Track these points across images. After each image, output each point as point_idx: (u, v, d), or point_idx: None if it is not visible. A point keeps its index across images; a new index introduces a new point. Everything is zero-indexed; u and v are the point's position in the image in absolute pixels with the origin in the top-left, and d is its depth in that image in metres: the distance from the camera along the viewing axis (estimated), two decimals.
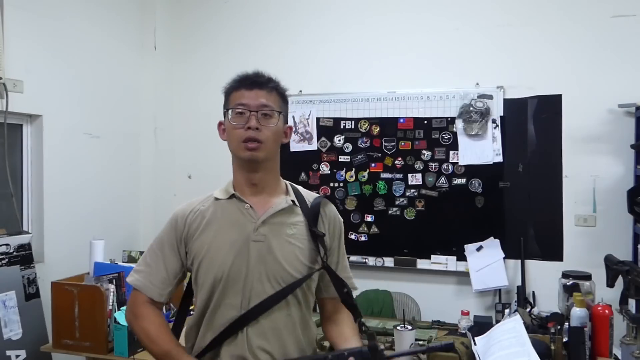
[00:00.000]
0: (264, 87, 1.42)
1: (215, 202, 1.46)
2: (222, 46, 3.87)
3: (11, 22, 2.81)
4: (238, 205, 1.43)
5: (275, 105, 1.42)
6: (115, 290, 2.50)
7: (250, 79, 1.43)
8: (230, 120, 1.41)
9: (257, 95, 1.40)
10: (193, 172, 3.96)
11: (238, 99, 1.41)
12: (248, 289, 1.36)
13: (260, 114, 1.38)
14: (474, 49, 3.31)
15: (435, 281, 3.37)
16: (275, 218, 1.41)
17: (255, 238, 1.38)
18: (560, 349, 2.06)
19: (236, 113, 1.40)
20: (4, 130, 2.80)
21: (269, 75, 1.46)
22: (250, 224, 1.39)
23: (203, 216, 1.43)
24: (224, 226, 1.41)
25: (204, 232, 1.41)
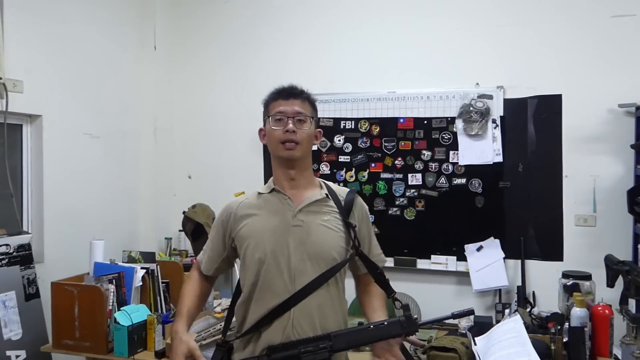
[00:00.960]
0: (298, 97, 1.66)
1: (259, 196, 1.70)
2: (222, 46, 3.87)
3: (11, 23, 2.81)
4: (278, 197, 1.66)
5: (307, 112, 1.67)
6: (115, 290, 2.50)
7: (286, 90, 1.68)
8: (271, 126, 1.64)
9: (293, 104, 1.64)
10: (193, 172, 3.96)
11: (276, 107, 1.65)
12: (292, 267, 1.57)
13: (295, 120, 1.63)
14: (474, 49, 3.31)
15: (435, 281, 3.37)
16: (311, 207, 1.64)
17: (294, 223, 1.61)
18: (560, 349, 2.07)
19: (275, 120, 1.64)
20: (4, 130, 2.80)
21: (302, 87, 1.71)
22: (290, 212, 1.62)
23: (247, 207, 1.68)
24: (267, 215, 1.64)
25: (250, 220, 1.65)
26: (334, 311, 1.60)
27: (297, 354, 1.47)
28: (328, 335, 1.49)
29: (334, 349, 1.47)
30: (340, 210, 1.65)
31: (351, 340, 1.50)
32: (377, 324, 1.50)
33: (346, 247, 1.63)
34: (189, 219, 3.39)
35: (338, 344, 1.48)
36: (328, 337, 1.49)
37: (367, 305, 1.71)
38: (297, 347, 1.48)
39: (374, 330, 1.49)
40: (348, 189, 1.74)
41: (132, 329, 2.37)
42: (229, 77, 3.85)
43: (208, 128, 3.91)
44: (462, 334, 2.40)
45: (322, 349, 1.46)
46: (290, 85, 1.69)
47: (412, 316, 1.48)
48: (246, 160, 3.68)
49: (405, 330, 1.48)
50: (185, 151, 3.97)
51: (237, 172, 3.68)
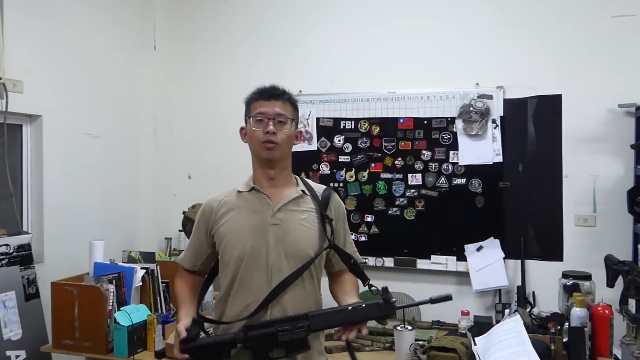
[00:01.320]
0: (279, 98, 1.66)
1: (238, 194, 1.72)
2: (222, 46, 3.87)
3: (11, 22, 2.81)
4: (257, 196, 1.68)
5: (288, 113, 1.67)
6: (115, 290, 2.50)
7: (267, 91, 1.68)
8: (252, 126, 1.66)
9: (274, 105, 1.65)
10: (193, 172, 3.96)
11: (257, 108, 1.66)
12: (270, 265, 1.60)
13: (276, 121, 1.64)
14: (474, 49, 3.31)
15: (435, 281, 3.37)
16: (288, 206, 1.66)
17: (273, 222, 1.63)
18: (560, 349, 2.06)
19: (256, 120, 1.65)
20: (4, 131, 2.80)
21: (283, 88, 1.70)
22: (268, 211, 1.65)
23: (227, 206, 1.70)
24: (246, 213, 1.66)
25: (229, 218, 1.67)
26: (309, 306, 1.62)
27: (273, 332, 1.49)
28: (306, 315, 1.51)
29: (311, 328, 1.49)
30: (317, 206, 1.68)
31: (329, 321, 1.51)
32: (355, 306, 1.50)
33: (321, 244, 1.66)
34: (189, 219, 3.39)
35: (315, 324, 1.49)
36: (306, 316, 1.50)
37: (338, 291, 1.72)
38: (274, 325, 1.50)
39: (352, 311, 1.50)
40: (324, 187, 1.78)
41: (132, 329, 2.37)
42: (229, 77, 3.85)
43: (208, 128, 3.91)
44: (462, 334, 2.39)
45: (299, 328, 1.48)
46: (272, 86, 1.69)
47: (391, 299, 1.48)
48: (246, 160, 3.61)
49: (384, 313, 1.48)
50: (185, 151, 3.97)
51: (237, 172, 3.60)
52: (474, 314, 2.72)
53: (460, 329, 2.56)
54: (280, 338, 1.48)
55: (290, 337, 1.48)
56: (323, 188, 1.76)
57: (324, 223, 1.66)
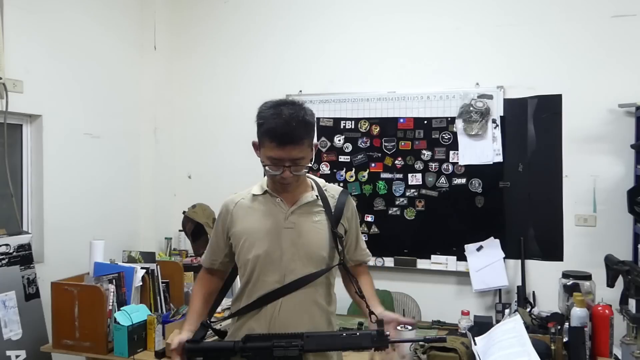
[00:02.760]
0: (295, 142, 1.55)
1: (253, 197, 1.73)
2: (222, 46, 3.87)
3: (11, 22, 2.81)
4: (271, 199, 1.70)
5: (306, 152, 1.59)
6: (115, 290, 2.50)
7: (282, 137, 1.53)
8: (267, 167, 1.60)
9: (289, 151, 1.55)
10: (193, 172, 3.96)
11: (271, 152, 1.56)
12: (283, 267, 1.64)
13: (292, 165, 1.57)
14: (474, 49, 3.31)
15: (435, 281, 3.37)
16: (302, 209, 1.68)
17: (286, 225, 1.66)
18: (561, 349, 2.06)
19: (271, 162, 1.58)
20: (4, 130, 2.80)
21: (297, 123, 1.54)
22: (281, 214, 1.67)
23: (243, 208, 1.73)
24: (260, 216, 1.69)
25: (244, 221, 1.70)
26: (320, 310, 1.67)
27: (269, 346, 1.55)
28: (302, 334, 1.55)
29: (304, 348, 1.54)
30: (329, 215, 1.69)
31: (321, 344, 1.57)
32: (349, 334, 1.55)
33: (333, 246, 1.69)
34: (189, 219, 3.39)
35: (308, 345, 1.55)
36: (301, 336, 1.55)
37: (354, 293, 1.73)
38: (271, 340, 1.56)
39: (345, 338, 1.55)
40: (341, 189, 1.80)
41: (132, 329, 2.37)
42: (229, 77, 3.85)
43: (208, 128, 3.91)
44: (462, 334, 2.39)
45: (294, 347, 1.54)
46: (286, 131, 1.53)
47: (384, 332, 1.52)
48: (246, 160, 3.64)
49: (376, 344, 1.51)
50: (185, 151, 3.97)
51: (237, 172, 3.67)
52: (474, 314, 2.73)
53: (461, 329, 2.56)
54: (275, 353, 1.54)
55: (284, 353, 1.54)
56: (339, 191, 1.77)
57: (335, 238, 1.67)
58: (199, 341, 1.64)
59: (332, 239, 1.67)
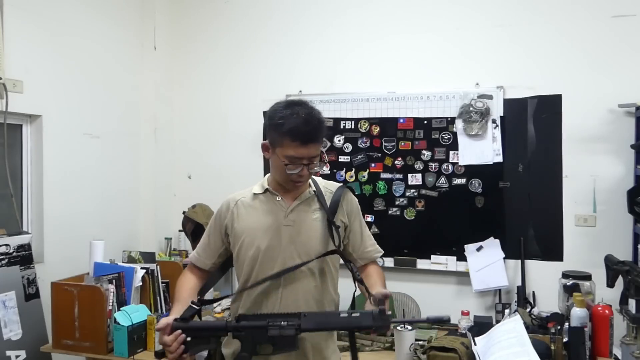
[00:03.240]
0: (317, 140, 1.60)
1: (253, 196, 1.74)
2: (222, 46, 3.87)
3: (11, 22, 2.81)
4: (271, 198, 1.72)
5: (320, 149, 1.63)
6: (115, 290, 2.50)
7: (307, 134, 1.56)
8: (284, 165, 1.59)
9: (310, 150, 1.58)
10: (193, 172, 3.96)
11: (293, 151, 1.57)
12: (282, 263, 1.64)
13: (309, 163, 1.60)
14: (474, 49, 3.31)
15: (435, 281, 3.37)
16: (300, 206, 1.70)
17: (286, 223, 1.67)
18: (561, 349, 2.06)
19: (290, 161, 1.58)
20: (4, 131, 2.80)
21: (317, 122, 1.60)
22: (281, 212, 1.69)
23: (243, 206, 1.73)
24: (260, 214, 1.70)
25: (245, 219, 1.71)
26: (322, 303, 1.67)
27: (264, 326, 1.49)
28: (298, 314, 1.51)
29: (302, 328, 1.49)
30: (325, 208, 1.69)
31: (320, 323, 1.51)
32: (349, 312, 1.50)
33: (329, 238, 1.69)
34: (189, 219, 3.39)
35: (306, 324, 1.49)
36: (298, 315, 1.50)
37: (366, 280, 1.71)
38: (265, 319, 1.51)
39: (345, 317, 1.49)
40: (339, 184, 1.79)
41: (132, 329, 2.37)
42: (229, 77, 3.85)
43: (208, 128, 3.91)
44: (462, 334, 2.39)
45: (290, 326, 1.49)
46: (308, 130, 1.56)
47: (386, 311, 1.46)
48: (246, 160, 3.68)
49: (377, 323, 1.45)
50: (185, 151, 3.97)
51: (237, 172, 3.68)
52: (474, 314, 2.72)
53: (460, 329, 2.55)
54: (269, 332, 1.48)
55: (280, 332, 1.48)
56: (336, 187, 1.77)
57: (330, 228, 1.67)
58: (187, 319, 1.55)
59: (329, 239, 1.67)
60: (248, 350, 1.51)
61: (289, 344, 1.49)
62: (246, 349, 1.51)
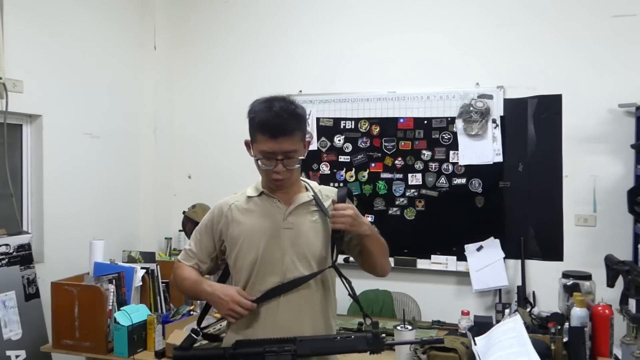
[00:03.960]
0: (287, 134, 1.55)
1: (248, 199, 1.70)
2: (222, 46, 3.87)
3: (11, 22, 2.81)
4: (268, 200, 1.67)
5: (298, 145, 1.59)
6: (115, 290, 2.50)
7: (274, 128, 1.54)
8: (259, 162, 1.59)
9: (282, 144, 1.54)
10: (193, 172, 3.96)
11: (263, 145, 1.55)
12: (284, 268, 1.60)
13: (285, 158, 1.56)
14: (474, 49, 3.31)
15: (435, 281, 3.37)
16: (299, 209, 1.65)
17: (285, 226, 1.63)
18: (561, 349, 2.06)
19: (264, 157, 1.57)
20: (4, 130, 2.80)
21: (288, 115, 1.56)
22: (280, 214, 1.64)
23: (238, 210, 1.68)
24: (257, 217, 1.65)
25: (240, 223, 1.65)
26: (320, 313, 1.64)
27: (261, 352, 1.51)
28: (294, 339, 1.52)
29: (297, 353, 1.51)
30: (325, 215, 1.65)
31: (315, 348, 1.53)
32: (343, 337, 1.54)
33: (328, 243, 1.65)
34: (189, 219, 3.39)
35: (302, 350, 1.51)
36: (294, 341, 1.52)
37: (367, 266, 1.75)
38: (262, 346, 1.52)
39: (339, 342, 1.53)
40: (336, 189, 1.72)
41: (132, 329, 2.37)
42: (229, 77, 3.85)
43: (208, 128, 3.91)
44: (462, 334, 2.39)
45: (286, 352, 1.50)
46: (279, 122, 1.54)
47: (379, 334, 1.50)
48: (246, 160, 3.63)
49: (371, 347, 1.49)
50: (185, 151, 3.97)
51: (237, 172, 3.64)
52: (474, 314, 2.72)
53: (460, 328, 2.55)
54: (267, 359, 1.50)
55: (277, 359, 1.50)
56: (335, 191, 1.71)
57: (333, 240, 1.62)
58: (187, 348, 1.60)
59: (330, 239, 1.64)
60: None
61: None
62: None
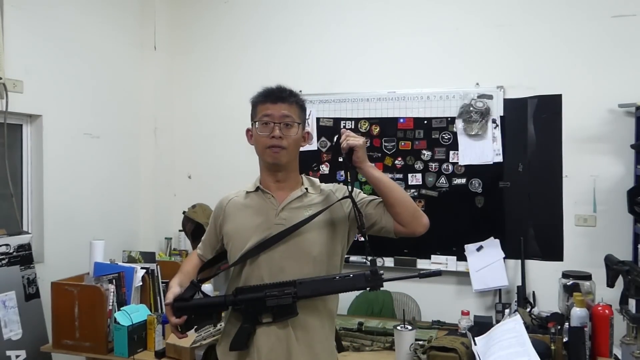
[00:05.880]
0: (286, 100, 1.64)
1: (246, 194, 1.74)
2: (222, 46, 3.87)
3: (11, 22, 2.81)
4: (263, 196, 1.70)
5: (295, 116, 1.66)
6: (115, 290, 2.50)
7: (274, 93, 1.65)
8: (258, 130, 1.65)
9: (280, 108, 1.63)
10: (193, 172, 3.96)
11: (263, 111, 1.64)
12: (274, 265, 1.60)
13: (282, 124, 1.62)
14: (474, 49, 3.31)
15: (435, 281, 3.36)
16: (292, 204, 1.66)
17: (277, 222, 1.63)
18: (561, 349, 2.07)
19: (262, 124, 1.63)
20: (4, 130, 2.80)
21: (290, 89, 1.68)
22: (272, 210, 1.66)
23: (235, 205, 1.73)
24: (251, 213, 1.68)
25: (235, 218, 1.70)
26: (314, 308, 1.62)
27: (262, 297, 1.54)
28: (293, 282, 1.54)
29: (298, 295, 1.53)
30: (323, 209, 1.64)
31: (315, 289, 1.55)
32: (342, 276, 1.55)
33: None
34: (189, 219, 3.39)
35: (302, 291, 1.53)
36: (293, 283, 1.54)
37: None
38: (262, 291, 1.55)
39: (339, 281, 1.54)
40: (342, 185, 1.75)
41: (132, 329, 2.37)
42: (229, 77, 3.85)
43: (208, 128, 3.91)
44: (462, 334, 2.39)
45: (287, 294, 1.53)
46: (279, 87, 1.67)
47: (378, 271, 1.52)
48: (246, 160, 3.64)
49: (370, 284, 1.52)
50: (185, 151, 3.97)
51: (237, 172, 3.65)
52: (474, 314, 2.72)
53: (461, 329, 2.55)
54: (268, 303, 1.54)
55: (277, 302, 1.53)
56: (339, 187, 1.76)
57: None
58: (187, 299, 1.62)
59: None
60: (250, 322, 1.57)
61: (288, 312, 1.55)
62: (248, 321, 1.57)
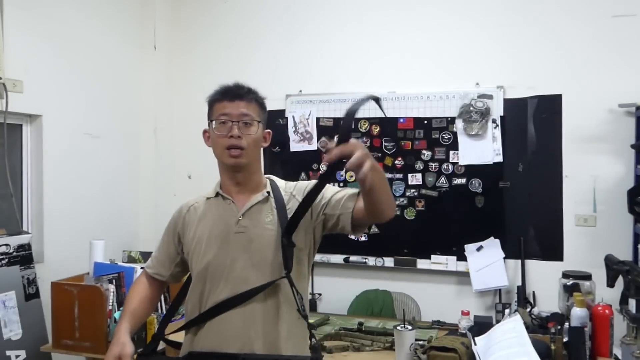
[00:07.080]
0: (244, 98, 1.55)
1: (206, 201, 1.62)
2: (221, 46, 3.87)
3: (11, 22, 2.81)
4: (222, 202, 1.58)
5: (254, 114, 1.55)
6: (115, 290, 2.50)
7: (231, 91, 1.56)
8: (215, 130, 1.55)
9: (238, 106, 1.53)
10: (193, 172, 3.96)
11: (221, 110, 1.54)
12: (235, 276, 1.49)
13: (241, 123, 1.52)
14: (474, 49, 3.31)
15: (435, 281, 3.37)
16: (253, 210, 1.55)
17: (237, 230, 1.52)
18: (561, 349, 2.06)
19: (220, 123, 1.53)
20: (4, 130, 2.80)
21: (248, 86, 1.59)
22: (233, 217, 1.54)
23: (195, 213, 1.61)
24: (210, 221, 1.56)
25: (195, 227, 1.58)
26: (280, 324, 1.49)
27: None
28: (238, 355, 1.45)
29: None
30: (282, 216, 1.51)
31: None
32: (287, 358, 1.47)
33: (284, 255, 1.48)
34: None
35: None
36: (237, 357, 1.46)
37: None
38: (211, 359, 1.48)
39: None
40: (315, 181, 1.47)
41: None
42: (229, 77, 3.80)
43: None
44: (462, 334, 2.39)
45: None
46: (236, 85, 1.57)
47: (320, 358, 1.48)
48: None
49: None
50: (185, 151, 3.96)
51: None
52: (474, 314, 2.72)
53: (461, 329, 2.55)
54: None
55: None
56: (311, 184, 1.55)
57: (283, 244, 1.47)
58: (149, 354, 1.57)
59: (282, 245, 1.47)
60: None
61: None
62: None
